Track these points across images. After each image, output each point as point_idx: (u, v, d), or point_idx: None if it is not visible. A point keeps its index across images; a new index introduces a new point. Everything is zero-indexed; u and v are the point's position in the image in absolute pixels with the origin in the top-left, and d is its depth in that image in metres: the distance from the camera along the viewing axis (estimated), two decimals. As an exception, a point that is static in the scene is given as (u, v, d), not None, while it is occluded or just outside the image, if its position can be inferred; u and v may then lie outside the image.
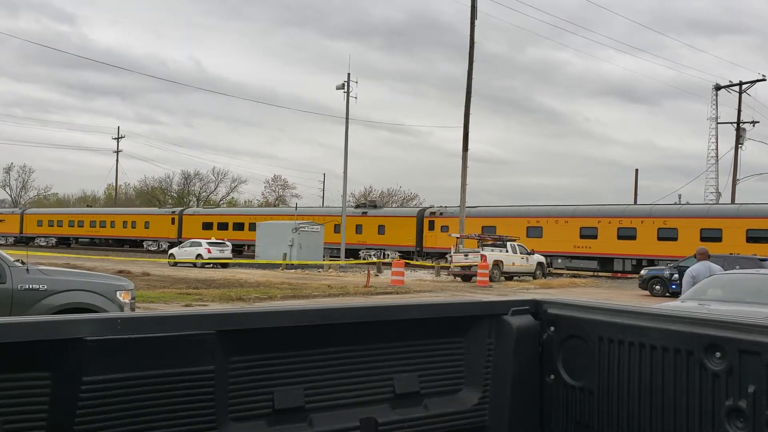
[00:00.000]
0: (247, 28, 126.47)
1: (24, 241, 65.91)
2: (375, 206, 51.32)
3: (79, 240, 65.25)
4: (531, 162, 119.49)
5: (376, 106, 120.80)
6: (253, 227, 46.09)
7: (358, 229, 48.24)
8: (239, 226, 54.27)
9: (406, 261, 34.34)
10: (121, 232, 61.57)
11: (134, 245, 61.03)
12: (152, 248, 57.65)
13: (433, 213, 46.93)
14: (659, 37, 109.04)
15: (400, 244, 46.59)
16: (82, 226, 64.25)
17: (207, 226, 55.65)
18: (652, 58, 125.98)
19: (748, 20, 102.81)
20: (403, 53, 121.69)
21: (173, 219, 58.61)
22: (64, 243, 65.09)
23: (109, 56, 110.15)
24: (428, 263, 41.94)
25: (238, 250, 48.43)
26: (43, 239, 66.53)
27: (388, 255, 44.45)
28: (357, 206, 52.05)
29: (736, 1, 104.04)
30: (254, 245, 42.72)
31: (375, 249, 47.22)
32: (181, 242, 45.19)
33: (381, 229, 48.18)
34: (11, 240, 68.05)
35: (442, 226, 44.79)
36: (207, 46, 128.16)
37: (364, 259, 43.93)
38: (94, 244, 64.35)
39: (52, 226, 66.90)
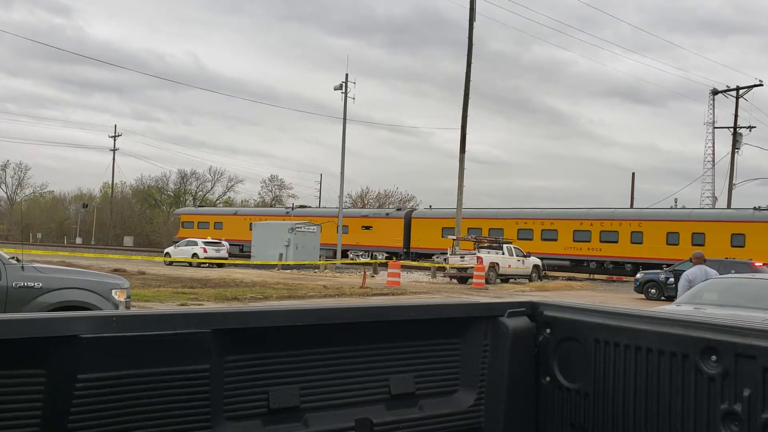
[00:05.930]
0: (246, 24, 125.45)
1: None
2: None
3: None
4: (532, 164, 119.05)
5: (377, 106, 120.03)
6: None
7: None
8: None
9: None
10: (641, 252, 35.86)
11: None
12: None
13: None
14: (667, 37, 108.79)
15: None
16: (531, 239, 39.47)
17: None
18: (658, 59, 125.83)
19: (758, 20, 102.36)
20: (406, 51, 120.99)
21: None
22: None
23: (105, 50, 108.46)
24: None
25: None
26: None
27: None
28: None
29: (747, 0, 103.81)
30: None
31: None
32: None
33: None
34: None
35: None
36: (205, 42, 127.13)
37: None
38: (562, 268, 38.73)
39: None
